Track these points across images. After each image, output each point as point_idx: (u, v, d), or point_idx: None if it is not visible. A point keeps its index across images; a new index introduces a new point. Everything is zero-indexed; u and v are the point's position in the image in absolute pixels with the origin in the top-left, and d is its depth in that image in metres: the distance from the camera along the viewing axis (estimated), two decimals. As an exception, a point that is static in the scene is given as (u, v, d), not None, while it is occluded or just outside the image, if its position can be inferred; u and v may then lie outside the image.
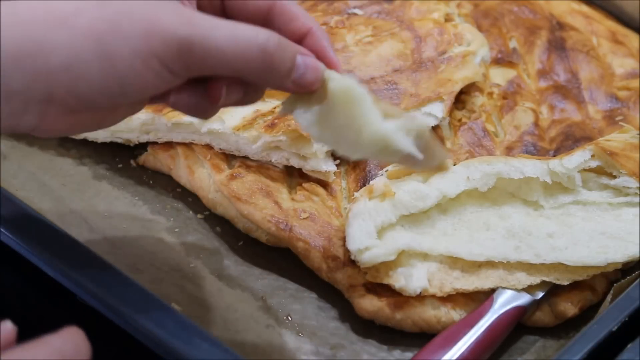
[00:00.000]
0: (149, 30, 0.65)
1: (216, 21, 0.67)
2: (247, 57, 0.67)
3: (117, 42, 0.65)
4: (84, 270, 0.84)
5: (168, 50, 0.66)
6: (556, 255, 0.87)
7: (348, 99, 0.71)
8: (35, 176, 0.99)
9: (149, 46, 0.65)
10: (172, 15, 0.66)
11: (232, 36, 0.67)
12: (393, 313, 0.87)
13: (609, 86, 1.08)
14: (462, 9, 1.14)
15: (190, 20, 0.66)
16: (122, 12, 0.65)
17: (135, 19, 0.65)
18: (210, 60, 0.67)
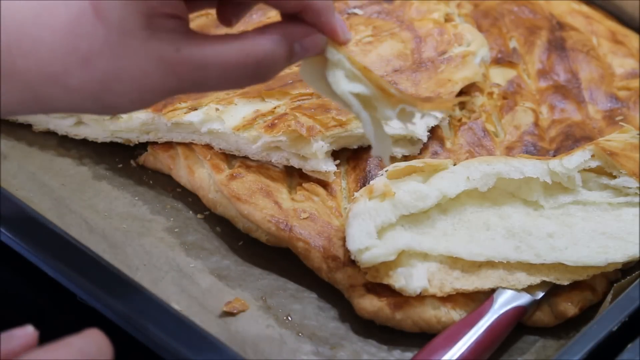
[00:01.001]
0: (139, 89, 0.67)
1: (201, 56, 0.67)
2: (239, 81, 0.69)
3: (113, 99, 0.67)
4: (84, 270, 0.84)
5: (160, 96, 0.68)
6: (556, 255, 0.87)
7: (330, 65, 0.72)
8: (35, 176, 0.99)
9: (142, 98, 0.68)
10: (157, 71, 0.66)
11: (222, 71, 0.68)
12: (393, 313, 0.87)
13: (609, 86, 1.08)
14: (462, 9, 1.14)
15: (175, 70, 0.67)
16: (108, 74, 0.66)
17: (124, 80, 0.66)
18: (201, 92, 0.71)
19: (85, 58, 0.65)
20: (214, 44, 0.67)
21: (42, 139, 1.03)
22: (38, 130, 1.03)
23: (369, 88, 0.71)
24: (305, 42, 0.70)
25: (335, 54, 0.71)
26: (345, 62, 0.71)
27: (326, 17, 0.70)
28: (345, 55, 0.71)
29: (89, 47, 0.65)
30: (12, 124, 1.03)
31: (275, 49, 0.68)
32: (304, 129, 0.93)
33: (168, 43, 0.66)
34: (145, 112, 0.98)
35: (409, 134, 0.97)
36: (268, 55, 0.68)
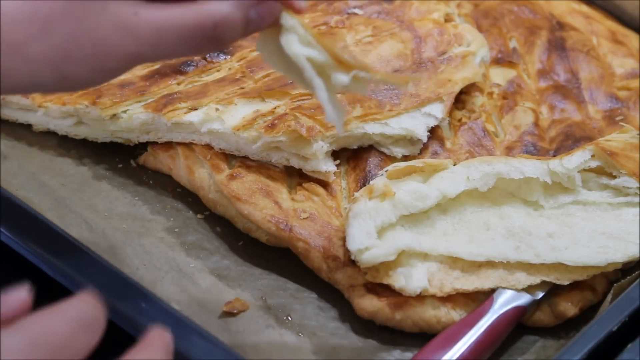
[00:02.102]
0: (98, 54, 0.68)
1: (159, 18, 0.69)
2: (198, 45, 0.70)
3: (72, 68, 0.68)
4: (84, 270, 0.84)
5: (120, 62, 0.69)
6: (556, 255, 0.87)
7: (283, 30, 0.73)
8: (35, 176, 0.99)
9: (101, 65, 0.69)
10: (116, 33, 0.68)
11: (180, 34, 0.69)
12: (393, 313, 0.87)
13: (609, 86, 1.08)
14: (462, 9, 1.14)
15: (133, 33, 0.68)
16: (68, 38, 0.67)
17: (83, 44, 0.67)
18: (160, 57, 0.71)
19: (45, 23, 0.66)
20: (172, 7, 0.69)
21: (42, 139, 1.03)
22: (38, 130, 1.03)
23: (322, 54, 0.72)
24: (261, 8, 0.71)
25: (289, 19, 0.72)
26: (299, 28, 0.71)
27: None
28: (300, 21, 0.72)
29: (49, 10, 0.66)
30: (12, 124, 1.03)
31: (231, 11, 0.70)
32: (304, 129, 0.93)
33: (127, 6, 0.68)
34: (146, 112, 0.98)
35: (409, 134, 0.97)
36: (224, 18, 0.69)
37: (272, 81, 1.00)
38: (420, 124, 0.98)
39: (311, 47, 0.71)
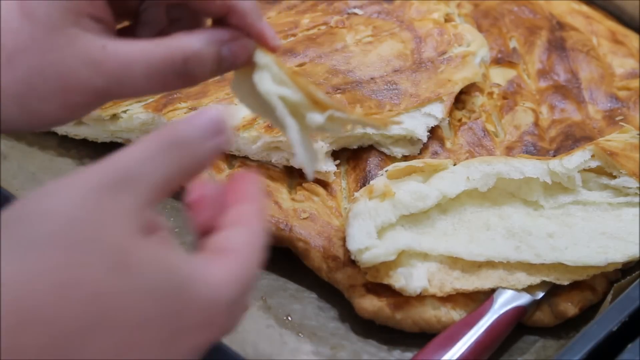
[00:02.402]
0: (65, 89, 0.65)
1: (127, 53, 0.66)
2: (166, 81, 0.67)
3: (38, 103, 0.65)
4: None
5: (87, 98, 0.66)
6: (556, 255, 0.87)
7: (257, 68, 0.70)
8: (35, 176, 0.99)
9: (68, 100, 0.66)
10: (83, 68, 0.65)
11: (148, 69, 0.66)
12: (393, 313, 0.87)
13: (609, 86, 1.08)
14: (462, 9, 1.14)
15: (101, 67, 0.65)
16: (33, 72, 0.64)
17: (48, 78, 0.65)
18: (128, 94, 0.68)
19: (10, 55, 0.64)
20: (141, 42, 0.66)
21: (42, 139, 1.03)
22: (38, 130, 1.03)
23: (296, 93, 0.68)
24: (234, 45, 0.69)
25: (263, 57, 0.69)
26: (272, 66, 0.68)
27: (252, 19, 0.69)
28: (274, 59, 0.69)
29: (14, 43, 0.64)
30: (12, 124, 1.03)
31: (202, 48, 0.67)
32: (304, 129, 0.93)
33: (95, 40, 0.65)
34: (146, 112, 0.98)
35: (409, 134, 0.97)
36: (195, 54, 0.67)
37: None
38: (420, 124, 0.98)
39: (285, 85, 0.68)
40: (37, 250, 0.51)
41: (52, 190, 0.54)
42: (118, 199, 0.54)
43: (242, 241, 0.60)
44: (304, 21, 1.07)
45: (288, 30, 1.06)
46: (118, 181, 0.55)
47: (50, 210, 0.52)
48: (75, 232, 0.52)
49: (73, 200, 0.53)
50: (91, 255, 0.52)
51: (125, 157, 0.57)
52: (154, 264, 0.54)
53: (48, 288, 0.50)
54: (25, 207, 0.53)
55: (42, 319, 0.50)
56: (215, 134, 0.59)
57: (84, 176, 0.55)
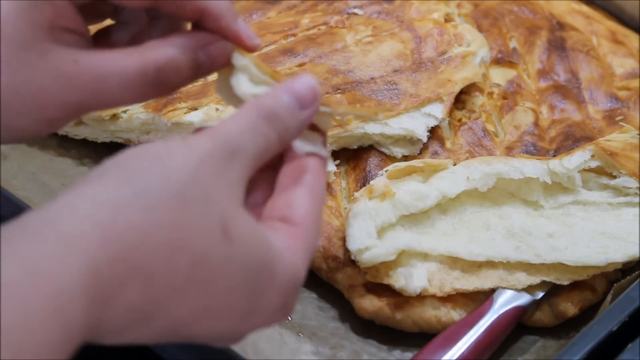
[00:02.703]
0: (40, 105, 0.64)
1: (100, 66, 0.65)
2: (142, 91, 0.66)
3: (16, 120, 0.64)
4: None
5: (63, 112, 0.65)
6: (556, 255, 0.87)
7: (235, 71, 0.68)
8: (35, 176, 0.99)
9: (44, 116, 0.65)
10: (55, 83, 0.64)
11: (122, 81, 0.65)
12: (393, 313, 0.87)
13: (609, 86, 1.08)
14: (462, 9, 1.14)
15: (73, 82, 0.64)
16: (7, 91, 0.63)
17: (23, 96, 0.63)
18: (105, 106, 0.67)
19: None
20: (114, 53, 0.64)
21: (42, 139, 1.03)
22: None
23: None
24: (210, 49, 0.67)
25: (241, 59, 0.67)
26: (251, 67, 0.67)
27: (227, 21, 0.67)
28: (252, 60, 0.67)
29: None
30: (12, 124, 1.03)
31: (176, 55, 0.65)
32: (304, 129, 0.93)
33: (65, 56, 0.64)
34: (146, 112, 0.98)
35: (409, 134, 0.97)
36: (169, 62, 0.65)
37: (272, 81, 1.00)
38: (420, 124, 0.98)
39: (266, 84, 0.67)
40: (157, 203, 0.52)
41: (171, 149, 0.55)
42: (228, 167, 0.56)
43: (306, 211, 0.61)
44: (304, 21, 1.07)
45: (288, 30, 1.06)
46: (229, 151, 0.56)
47: (171, 168, 0.53)
48: (192, 194, 0.53)
49: (191, 164, 0.54)
50: (204, 219, 0.53)
51: (232, 127, 0.58)
52: (250, 238, 0.56)
53: (161, 243, 0.51)
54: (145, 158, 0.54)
55: (149, 273, 0.51)
56: (308, 104, 0.61)
57: (199, 142, 0.56)
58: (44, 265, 0.48)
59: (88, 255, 0.49)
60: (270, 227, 0.60)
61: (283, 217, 0.61)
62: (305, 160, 0.63)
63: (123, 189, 0.52)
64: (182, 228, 0.52)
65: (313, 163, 0.63)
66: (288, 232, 0.60)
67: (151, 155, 0.54)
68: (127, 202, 0.51)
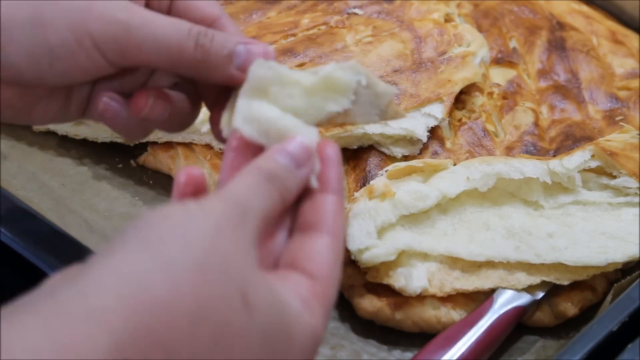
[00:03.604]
0: (87, 9, 0.66)
1: (154, 13, 0.67)
2: (182, 46, 0.67)
3: (52, 14, 0.66)
4: (84, 270, 0.84)
5: (104, 32, 0.66)
6: (556, 255, 0.87)
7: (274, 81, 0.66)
8: (35, 176, 0.99)
9: (84, 24, 0.66)
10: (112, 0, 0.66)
11: (169, 25, 0.67)
12: (393, 313, 0.87)
13: (609, 86, 1.08)
14: (462, 9, 1.14)
15: (129, 7, 0.66)
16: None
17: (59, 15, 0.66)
18: (147, 46, 0.67)
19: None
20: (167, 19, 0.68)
21: (42, 139, 1.03)
22: (38, 130, 1.03)
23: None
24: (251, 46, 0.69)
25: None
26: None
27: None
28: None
29: None
30: (12, 124, 1.03)
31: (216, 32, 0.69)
32: (304, 129, 0.93)
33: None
34: (145, 112, 0.98)
35: (409, 134, 0.97)
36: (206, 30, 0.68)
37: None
38: (420, 124, 0.98)
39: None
40: (179, 276, 0.52)
41: (189, 215, 0.55)
42: (242, 229, 0.56)
43: (328, 265, 0.61)
44: (304, 21, 1.07)
45: (288, 30, 1.06)
46: (241, 213, 0.57)
47: (190, 238, 0.54)
48: (212, 263, 0.53)
49: (209, 232, 0.54)
50: (224, 289, 0.53)
51: (240, 189, 0.58)
52: (269, 305, 0.56)
53: (183, 316, 0.52)
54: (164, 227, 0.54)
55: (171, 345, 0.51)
56: (303, 163, 0.62)
57: (214, 207, 0.56)
58: (72, 340, 0.49)
59: (113, 331, 0.50)
60: (289, 281, 0.59)
61: (304, 270, 0.60)
62: (323, 200, 0.63)
63: (146, 262, 0.52)
64: (203, 299, 0.53)
65: (332, 202, 0.63)
66: (308, 288, 0.60)
67: (170, 224, 0.54)
68: (150, 276, 0.52)
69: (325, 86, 0.65)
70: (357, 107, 0.67)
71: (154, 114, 0.71)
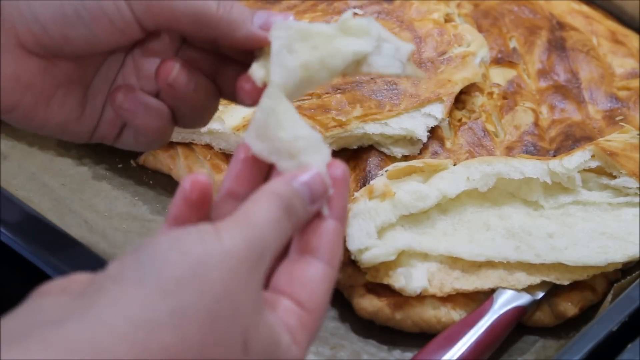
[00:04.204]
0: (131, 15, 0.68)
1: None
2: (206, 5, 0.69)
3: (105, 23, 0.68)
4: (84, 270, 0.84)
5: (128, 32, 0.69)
6: (556, 255, 0.87)
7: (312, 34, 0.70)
8: (35, 176, 0.99)
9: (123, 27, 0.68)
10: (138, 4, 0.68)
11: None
12: (393, 313, 0.87)
13: (609, 86, 1.08)
14: (462, 9, 1.14)
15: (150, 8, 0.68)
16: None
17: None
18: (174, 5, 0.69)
19: None
20: None
21: (42, 139, 1.03)
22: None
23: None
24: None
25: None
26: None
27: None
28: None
29: None
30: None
31: None
32: (303, 129, 0.93)
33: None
34: (145, 112, 0.97)
35: (409, 134, 0.97)
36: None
37: (272, 81, 1.00)
38: (420, 124, 0.97)
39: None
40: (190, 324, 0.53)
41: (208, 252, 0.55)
42: (256, 270, 0.57)
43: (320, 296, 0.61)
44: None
45: (288, 30, 1.06)
46: (260, 253, 0.57)
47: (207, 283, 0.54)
48: (223, 310, 0.54)
49: (223, 272, 0.55)
50: (229, 336, 0.54)
51: (261, 222, 0.58)
52: (264, 343, 0.57)
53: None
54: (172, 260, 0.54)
55: None
56: (317, 199, 0.62)
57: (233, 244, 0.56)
58: None
59: None
60: (280, 310, 0.60)
61: (295, 297, 0.61)
62: (326, 225, 0.63)
63: (159, 305, 0.53)
64: (208, 348, 0.54)
65: (334, 230, 0.64)
66: (298, 318, 0.60)
67: (186, 260, 0.54)
68: (162, 322, 0.52)
69: (345, 30, 0.69)
70: (380, 58, 0.70)
71: (178, 83, 0.72)
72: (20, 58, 0.70)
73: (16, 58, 0.69)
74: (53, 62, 0.71)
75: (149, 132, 0.75)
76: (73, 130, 0.75)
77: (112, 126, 0.77)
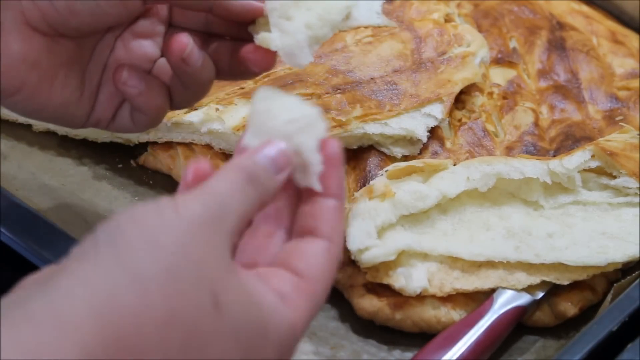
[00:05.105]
0: None
1: None
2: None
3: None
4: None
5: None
6: (556, 255, 0.87)
7: None
8: (35, 176, 0.99)
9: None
10: None
11: None
12: (393, 313, 0.87)
13: (609, 86, 1.08)
14: (462, 9, 1.14)
15: None
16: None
17: None
18: None
19: None
20: None
21: (42, 139, 1.03)
22: (38, 130, 1.03)
23: None
24: None
25: None
26: None
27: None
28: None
29: None
30: (12, 124, 1.03)
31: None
32: (304, 129, 0.93)
33: None
34: (145, 112, 0.98)
35: (409, 134, 0.97)
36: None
37: (272, 81, 1.00)
38: (420, 124, 0.98)
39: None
40: (149, 284, 0.52)
41: (162, 219, 0.55)
42: (216, 232, 0.56)
43: (319, 268, 0.61)
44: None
45: (288, 30, 1.06)
46: (216, 215, 0.56)
47: (162, 246, 0.54)
48: (183, 269, 0.54)
49: (182, 237, 0.54)
50: (194, 293, 0.54)
51: (221, 189, 0.58)
52: (240, 301, 0.56)
53: (153, 321, 0.52)
54: (136, 232, 0.54)
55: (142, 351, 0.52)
56: (283, 167, 0.61)
57: (190, 208, 0.56)
58: (42, 351, 0.49)
59: (83, 341, 0.50)
60: (273, 277, 0.60)
61: (291, 267, 0.61)
62: (323, 204, 0.63)
63: (116, 272, 0.52)
64: (173, 305, 0.53)
65: (331, 208, 0.63)
66: (292, 283, 0.60)
67: (141, 229, 0.54)
68: (121, 286, 0.52)
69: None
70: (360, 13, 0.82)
71: (191, 58, 0.73)
72: (27, 36, 0.70)
73: (23, 36, 0.70)
74: (56, 40, 0.72)
75: (151, 110, 0.76)
76: (71, 113, 0.76)
77: (107, 108, 0.78)
